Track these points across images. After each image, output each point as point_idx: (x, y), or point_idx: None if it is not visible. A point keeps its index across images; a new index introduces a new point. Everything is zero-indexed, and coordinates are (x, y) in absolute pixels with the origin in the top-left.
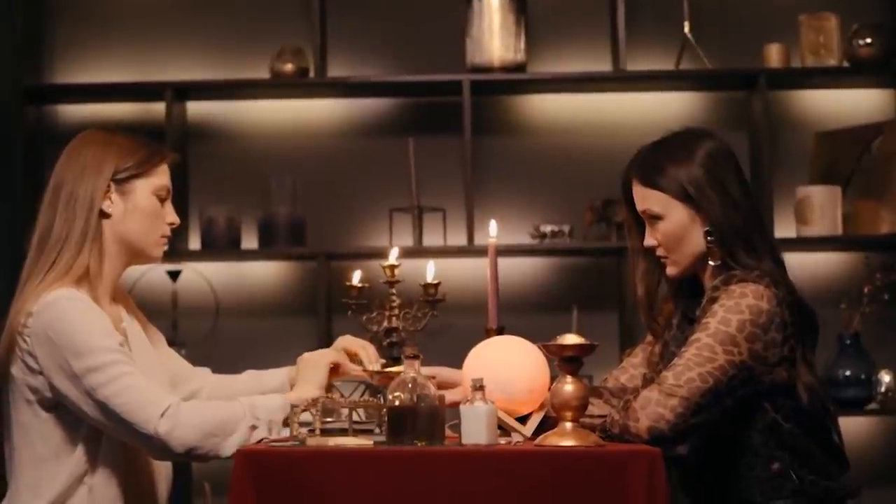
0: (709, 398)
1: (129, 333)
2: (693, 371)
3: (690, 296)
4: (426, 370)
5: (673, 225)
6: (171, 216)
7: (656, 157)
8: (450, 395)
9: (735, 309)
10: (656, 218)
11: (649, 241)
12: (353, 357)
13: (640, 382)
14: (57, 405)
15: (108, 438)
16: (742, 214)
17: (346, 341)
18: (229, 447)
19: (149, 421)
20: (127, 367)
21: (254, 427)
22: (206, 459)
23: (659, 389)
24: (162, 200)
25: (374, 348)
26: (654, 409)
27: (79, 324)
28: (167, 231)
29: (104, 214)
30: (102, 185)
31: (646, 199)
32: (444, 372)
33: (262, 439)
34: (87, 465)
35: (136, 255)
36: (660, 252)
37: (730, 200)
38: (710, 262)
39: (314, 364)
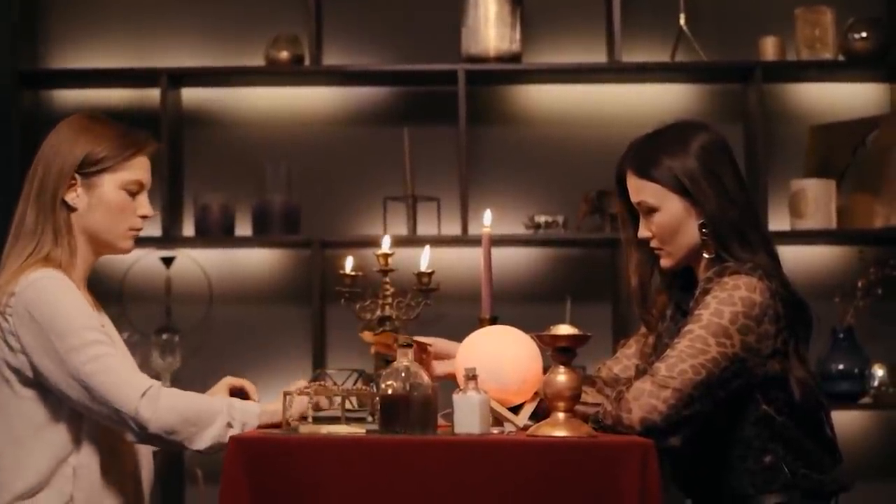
0: (701, 390)
1: (104, 321)
2: (686, 363)
3: (684, 288)
4: (423, 339)
5: (668, 217)
6: (144, 209)
7: (651, 149)
8: (442, 367)
9: (728, 301)
10: (651, 210)
11: (643, 232)
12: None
13: (634, 373)
14: (38, 385)
15: (90, 420)
16: (737, 207)
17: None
18: (204, 440)
19: (129, 401)
20: (108, 348)
21: (229, 425)
22: (179, 448)
23: (652, 381)
24: (133, 193)
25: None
26: (647, 400)
27: (60, 303)
28: (137, 224)
29: (70, 207)
30: (67, 178)
31: (641, 190)
32: (439, 343)
33: None
34: (69, 447)
35: (103, 247)
36: (654, 244)
37: (725, 193)
38: (705, 255)
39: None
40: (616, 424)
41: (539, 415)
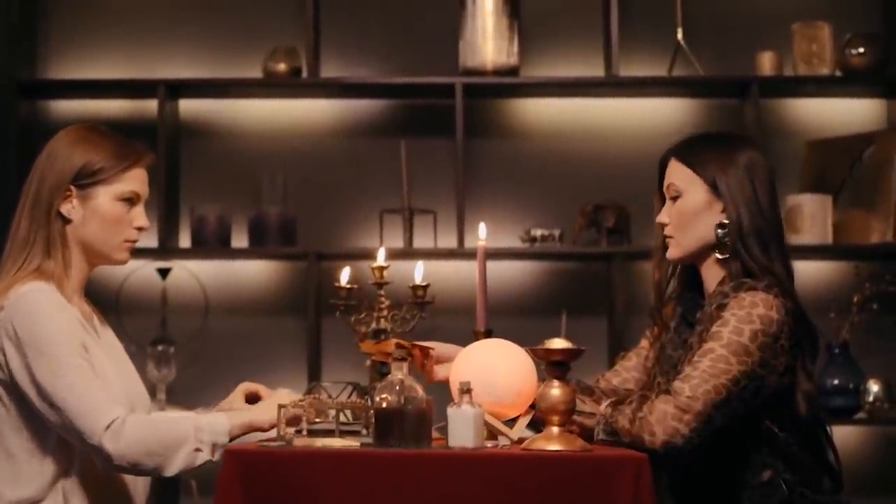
0: (722, 409)
1: (101, 334)
2: (709, 383)
3: (692, 299)
4: (424, 343)
5: (688, 204)
6: (140, 220)
7: (701, 144)
8: (443, 371)
9: (746, 319)
10: (676, 194)
11: (661, 217)
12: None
13: (633, 385)
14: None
15: None
16: (765, 219)
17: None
18: (172, 468)
19: (94, 432)
20: (82, 373)
21: (198, 450)
22: (150, 475)
23: (675, 404)
24: (130, 205)
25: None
26: (671, 423)
27: (43, 322)
28: (133, 235)
29: (65, 219)
30: (62, 189)
31: (673, 173)
32: (441, 347)
33: (206, 461)
34: (64, 461)
35: (98, 258)
36: (667, 231)
37: (755, 201)
38: (717, 255)
39: (270, 403)
40: (636, 442)
41: (537, 426)
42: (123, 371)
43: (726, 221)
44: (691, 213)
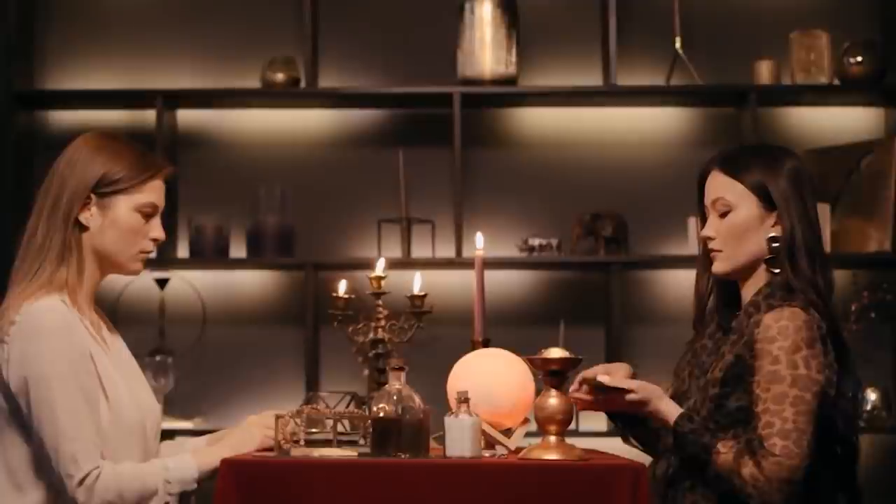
0: (812, 437)
1: (111, 342)
2: (796, 423)
3: (727, 306)
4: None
5: (741, 219)
6: (156, 232)
7: (745, 155)
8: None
9: (793, 349)
10: (726, 209)
11: (708, 231)
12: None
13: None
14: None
15: None
16: (813, 231)
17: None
18: None
19: (69, 480)
20: (72, 408)
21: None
22: None
23: (775, 461)
24: (147, 216)
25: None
26: (780, 483)
27: (45, 351)
28: (148, 247)
29: (82, 227)
30: (82, 196)
31: (721, 187)
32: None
33: None
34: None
35: (112, 267)
36: (714, 245)
37: (805, 214)
38: (772, 270)
39: (249, 433)
40: (732, 481)
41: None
42: (132, 381)
43: (778, 235)
44: (743, 228)
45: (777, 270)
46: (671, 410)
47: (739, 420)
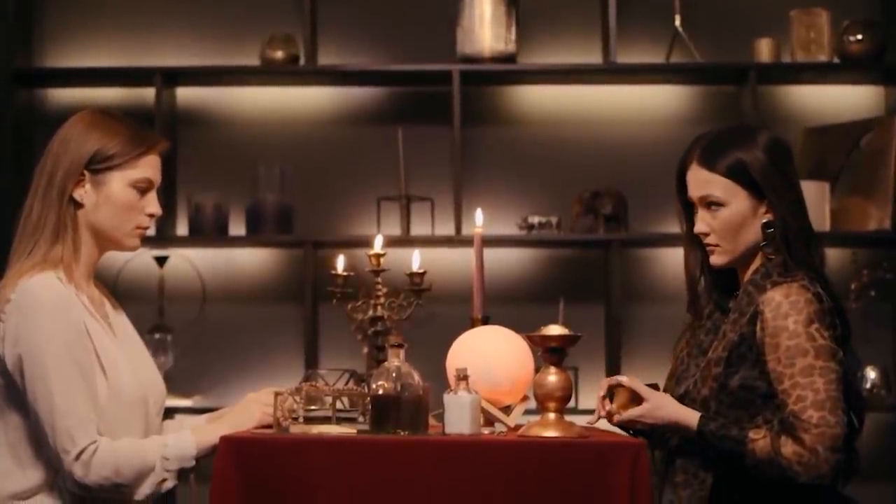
0: (843, 401)
1: (114, 319)
2: (828, 393)
3: (725, 288)
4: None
5: (734, 213)
6: (152, 207)
7: (720, 143)
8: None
9: (807, 321)
10: (716, 205)
11: (701, 227)
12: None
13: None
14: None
15: None
16: (804, 209)
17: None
18: (139, 496)
19: (66, 456)
20: (67, 384)
21: (164, 480)
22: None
23: (816, 434)
24: (142, 191)
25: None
26: (826, 452)
27: (40, 326)
28: (145, 222)
29: (77, 204)
30: (76, 174)
31: (708, 184)
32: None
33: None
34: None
35: (109, 244)
36: (710, 240)
37: (795, 193)
38: (771, 256)
39: (248, 410)
40: (809, 475)
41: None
42: (136, 358)
43: (772, 219)
44: (738, 222)
45: (773, 256)
46: (689, 416)
47: (742, 399)
